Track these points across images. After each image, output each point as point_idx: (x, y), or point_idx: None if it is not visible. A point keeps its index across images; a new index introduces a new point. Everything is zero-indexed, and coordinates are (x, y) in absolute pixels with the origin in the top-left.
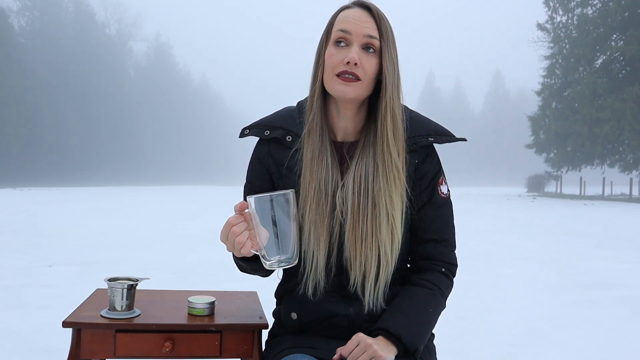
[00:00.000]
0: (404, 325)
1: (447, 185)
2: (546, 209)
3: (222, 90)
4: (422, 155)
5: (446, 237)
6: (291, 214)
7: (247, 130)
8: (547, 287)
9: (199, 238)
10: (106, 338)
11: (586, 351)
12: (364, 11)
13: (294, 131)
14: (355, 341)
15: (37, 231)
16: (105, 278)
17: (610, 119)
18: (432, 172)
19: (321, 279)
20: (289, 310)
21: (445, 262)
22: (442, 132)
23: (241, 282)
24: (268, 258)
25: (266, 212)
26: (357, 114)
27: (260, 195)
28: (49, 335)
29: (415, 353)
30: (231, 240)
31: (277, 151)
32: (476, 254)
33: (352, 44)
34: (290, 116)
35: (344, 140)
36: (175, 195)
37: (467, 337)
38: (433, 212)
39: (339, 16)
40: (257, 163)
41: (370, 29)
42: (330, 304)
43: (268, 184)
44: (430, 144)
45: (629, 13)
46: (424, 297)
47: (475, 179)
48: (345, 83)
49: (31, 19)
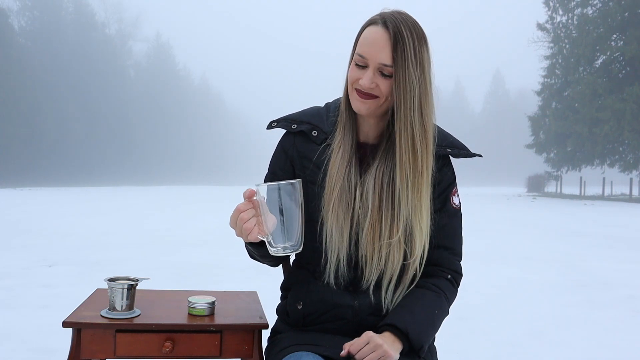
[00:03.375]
0: (412, 323)
1: (459, 197)
2: (546, 209)
3: (222, 90)
4: (440, 164)
5: (454, 247)
6: (298, 203)
7: (275, 123)
8: (547, 287)
9: (199, 238)
10: (106, 338)
11: (586, 351)
12: (384, 32)
13: (320, 127)
14: (365, 339)
15: (37, 231)
16: (105, 278)
17: (610, 119)
18: (446, 181)
19: (343, 269)
20: (295, 299)
21: (451, 270)
22: (460, 145)
23: (241, 282)
24: (274, 245)
25: (274, 200)
26: (379, 122)
27: (268, 183)
28: (49, 335)
29: (420, 351)
30: (239, 226)
31: (302, 144)
32: (476, 254)
33: (368, 67)
34: (317, 113)
35: (366, 142)
36: (175, 195)
37: (467, 337)
38: (443, 221)
39: (362, 34)
40: (282, 154)
41: (385, 57)
42: (336, 296)
43: (290, 175)
44: (447, 155)
45: (629, 13)
46: (431, 299)
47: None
48: (360, 100)
49: (31, 19)
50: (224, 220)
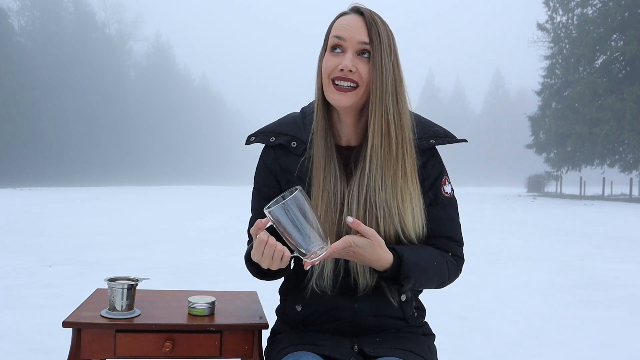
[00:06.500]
0: (410, 254)
1: (451, 184)
2: (546, 209)
3: (222, 90)
4: (424, 158)
5: (453, 235)
6: (307, 209)
7: (253, 137)
8: (547, 287)
9: (199, 238)
10: (106, 338)
11: (586, 351)
12: (358, 17)
13: (298, 137)
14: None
15: (37, 231)
16: (105, 278)
17: (610, 119)
18: (435, 173)
19: (328, 282)
20: (294, 302)
21: (454, 255)
22: (444, 133)
23: (241, 282)
24: (306, 254)
25: (284, 217)
26: (358, 120)
27: (273, 206)
28: (49, 335)
29: (404, 280)
30: (269, 253)
31: (283, 158)
32: (476, 254)
33: (347, 50)
34: (294, 122)
35: (348, 145)
36: (175, 195)
37: (467, 337)
38: (438, 212)
39: (335, 23)
40: (263, 169)
41: (363, 36)
42: (335, 299)
43: (276, 190)
44: (432, 147)
45: (629, 13)
46: (434, 252)
47: (475, 179)
48: (339, 92)
49: (31, 19)
50: (224, 220)
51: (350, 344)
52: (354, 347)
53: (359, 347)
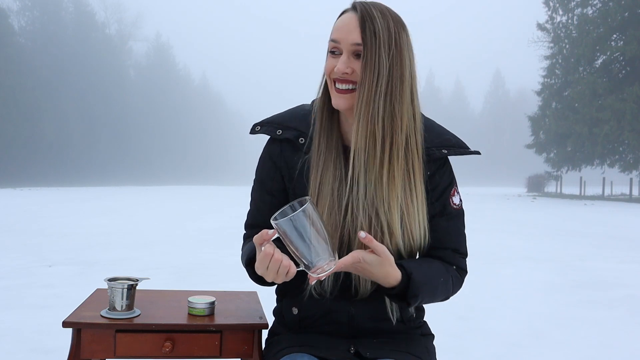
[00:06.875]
0: (418, 272)
1: (460, 195)
2: (546, 209)
3: (222, 90)
4: (435, 167)
5: (459, 247)
6: (317, 222)
7: (259, 127)
8: (547, 287)
9: (199, 238)
10: (106, 338)
11: (586, 351)
12: (353, 14)
13: (307, 133)
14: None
15: (37, 231)
16: (105, 278)
17: (610, 119)
18: (444, 184)
19: (328, 285)
20: (290, 305)
21: (458, 268)
22: (456, 144)
23: (241, 282)
24: (312, 268)
25: (292, 230)
26: None
27: (280, 219)
28: (49, 335)
29: (412, 299)
30: (274, 268)
31: (289, 154)
32: (476, 254)
33: (342, 52)
34: (304, 116)
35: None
36: (175, 195)
37: (467, 337)
38: (445, 223)
39: (335, 23)
40: (268, 162)
41: (355, 36)
42: (332, 303)
43: (280, 185)
44: (444, 157)
45: (629, 13)
46: (439, 268)
47: (475, 179)
48: (339, 95)
49: (31, 19)
50: (224, 220)
51: (347, 346)
52: (350, 349)
53: (355, 349)
